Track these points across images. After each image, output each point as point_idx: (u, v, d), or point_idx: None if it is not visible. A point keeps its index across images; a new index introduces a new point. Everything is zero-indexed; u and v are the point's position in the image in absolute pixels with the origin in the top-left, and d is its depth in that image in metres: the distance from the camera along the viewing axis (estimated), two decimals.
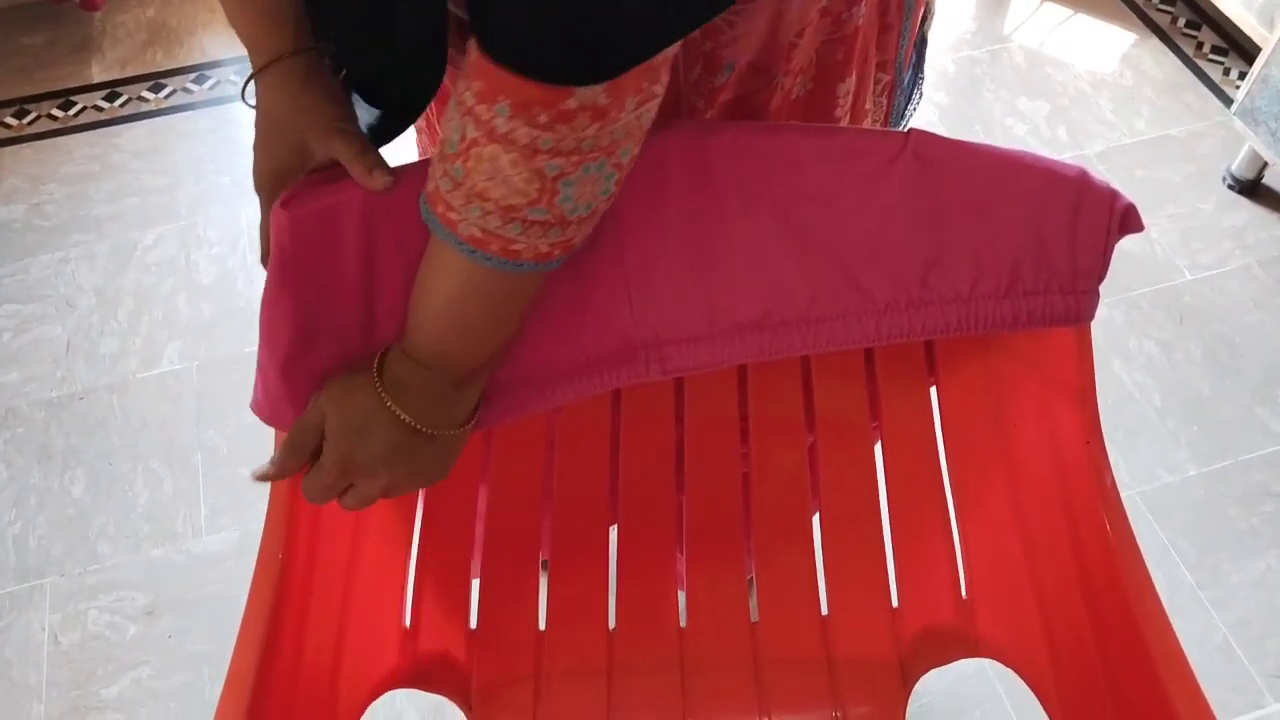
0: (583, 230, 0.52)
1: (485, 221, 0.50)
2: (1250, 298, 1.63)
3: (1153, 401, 1.51)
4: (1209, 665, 1.26)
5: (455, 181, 0.50)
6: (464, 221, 0.51)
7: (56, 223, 1.76)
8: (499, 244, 0.51)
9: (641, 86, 0.47)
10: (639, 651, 0.86)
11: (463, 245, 0.52)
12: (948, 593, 0.83)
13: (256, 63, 0.59)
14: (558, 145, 0.46)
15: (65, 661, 1.28)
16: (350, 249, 0.60)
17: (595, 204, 0.51)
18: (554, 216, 0.50)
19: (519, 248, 0.51)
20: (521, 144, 0.46)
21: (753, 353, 0.67)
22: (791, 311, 0.67)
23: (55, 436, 1.49)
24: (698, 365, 0.67)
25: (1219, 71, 1.97)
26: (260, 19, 0.58)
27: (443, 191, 0.51)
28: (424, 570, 0.81)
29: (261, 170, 0.62)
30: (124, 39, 2.07)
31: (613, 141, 0.48)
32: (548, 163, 0.47)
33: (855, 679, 0.85)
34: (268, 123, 0.60)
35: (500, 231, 0.50)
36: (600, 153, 0.48)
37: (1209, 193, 1.77)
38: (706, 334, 0.67)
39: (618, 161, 0.50)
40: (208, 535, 1.39)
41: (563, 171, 0.48)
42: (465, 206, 0.50)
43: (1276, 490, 1.41)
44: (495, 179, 0.48)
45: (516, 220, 0.49)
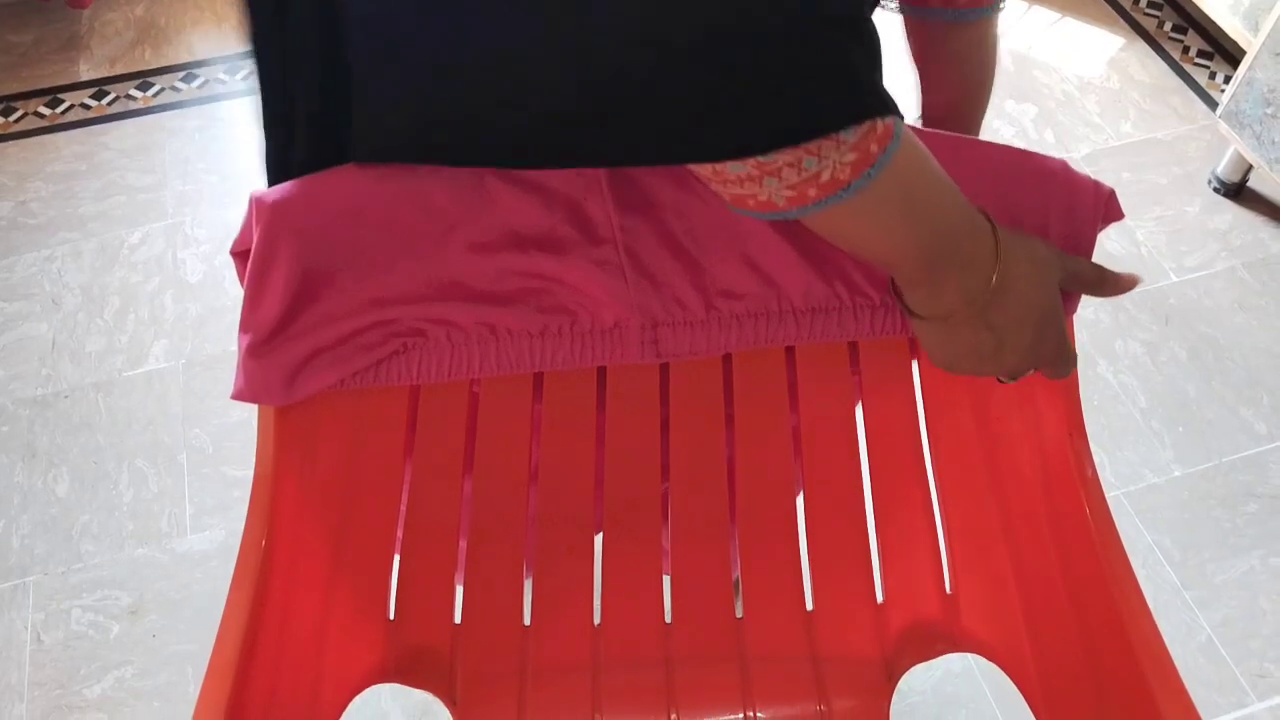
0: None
1: (782, 181, 0.47)
2: (1235, 300, 1.64)
3: (1138, 402, 1.52)
4: (1193, 665, 1.27)
5: (731, 200, 0.49)
6: (774, 193, 0.47)
7: (43, 220, 1.75)
8: (815, 189, 0.47)
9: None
10: (624, 647, 0.86)
11: (799, 211, 0.48)
12: (932, 588, 0.83)
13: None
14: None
15: (48, 660, 1.27)
16: (333, 234, 0.60)
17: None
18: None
19: (827, 175, 0.46)
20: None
21: (748, 341, 0.68)
22: (786, 302, 0.67)
23: (40, 435, 1.48)
24: (693, 351, 0.67)
25: (1205, 75, 1.99)
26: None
27: (733, 195, 0.50)
28: (408, 564, 0.81)
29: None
30: (112, 37, 2.06)
31: None
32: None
33: (840, 674, 0.85)
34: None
35: (801, 180, 0.46)
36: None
37: (1195, 195, 1.78)
38: (702, 320, 0.67)
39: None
40: (192, 534, 1.38)
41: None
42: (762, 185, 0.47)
43: (1260, 491, 1.42)
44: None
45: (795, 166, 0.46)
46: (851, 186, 0.46)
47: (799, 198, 0.47)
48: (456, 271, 0.62)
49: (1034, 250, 0.56)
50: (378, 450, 0.77)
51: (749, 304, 0.66)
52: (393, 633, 0.79)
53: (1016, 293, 0.55)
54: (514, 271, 0.63)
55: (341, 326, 0.63)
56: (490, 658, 0.85)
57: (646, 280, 0.64)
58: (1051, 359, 0.59)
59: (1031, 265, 0.56)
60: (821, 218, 0.49)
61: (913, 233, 0.51)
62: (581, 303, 0.64)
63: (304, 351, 0.63)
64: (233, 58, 2.03)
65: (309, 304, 0.62)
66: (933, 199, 0.51)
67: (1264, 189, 1.78)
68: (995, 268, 0.54)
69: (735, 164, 0.46)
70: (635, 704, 0.84)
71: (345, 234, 0.60)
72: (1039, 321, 0.56)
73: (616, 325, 0.65)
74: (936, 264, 0.53)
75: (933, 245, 0.52)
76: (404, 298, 0.63)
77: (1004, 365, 0.57)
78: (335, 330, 0.63)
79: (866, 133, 0.45)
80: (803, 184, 0.46)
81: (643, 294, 0.64)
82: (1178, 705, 0.60)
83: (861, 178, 0.46)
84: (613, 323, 0.65)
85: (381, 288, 0.62)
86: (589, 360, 0.66)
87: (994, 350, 0.57)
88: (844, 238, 0.53)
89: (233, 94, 1.96)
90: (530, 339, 0.66)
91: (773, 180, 0.46)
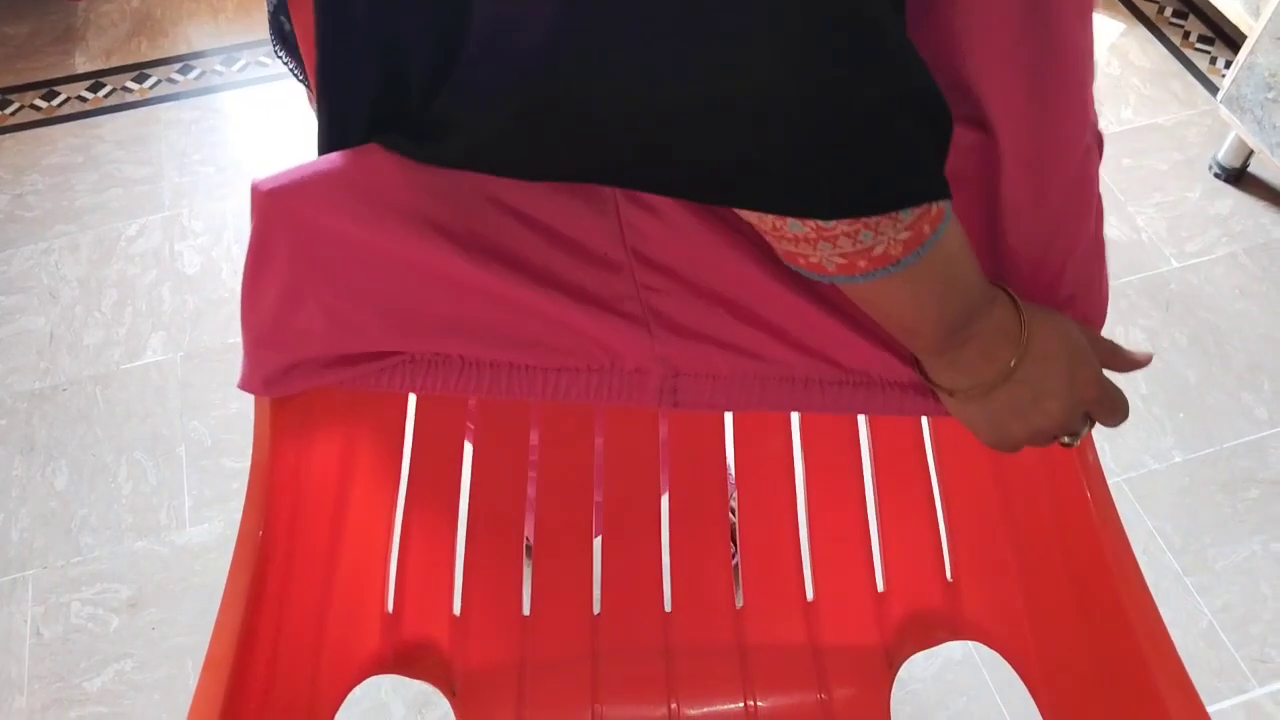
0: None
1: (836, 249, 0.48)
2: (1236, 285, 1.63)
3: (1139, 389, 1.51)
4: (1194, 650, 1.26)
5: (784, 255, 0.50)
6: (826, 258, 0.49)
7: (39, 213, 1.75)
8: (865, 260, 0.48)
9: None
10: (624, 637, 0.86)
11: (846, 279, 0.50)
12: (933, 576, 0.83)
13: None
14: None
15: (47, 654, 1.27)
16: (331, 224, 0.59)
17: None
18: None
19: (879, 250, 0.48)
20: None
21: (769, 403, 0.65)
22: (813, 370, 0.65)
23: (38, 428, 1.48)
24: (711, 405, 0.65)
25: (1205, 60, 1.98)
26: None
27: (785, 251, 0.51)
28: (406, 555, 0.80)
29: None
30: (108, 29, 2.05)
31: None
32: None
33: (840, 663, 0.85)
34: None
35: (854, 250, 0.48)
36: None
37: (1195, 181, 1.78)
38: (725, 375, 0.65)
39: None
40: (191, 526, 1.38)
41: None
42: (815, 249, 0.49)
43: (1261, 476, 1.42)
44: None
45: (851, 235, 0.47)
46: (901, 263, 0.48)
47: (849, 266, 0.48)
48: (472, 305, 0.60)
49: (1062, 325, 0.58)
50: (375, 441, 0.76)
51: (774, 368, 0.64)
52: (391, 624, 0.79)
53: (1040, 345, 0.56)
54: (534, 312, 0.60)
55: (347, 344, 0.61)
56: (489, 648, 0.84)
57: (671, 334, 0.62)
58: (1097, 400, 0.59)
59: (1052, 322, 0.57)
60: (863, 287, 0.51)
61: (943, 305, 0.53)
62: (602, 346, 0.63)
63: (294, 357, 0.62)
64: (229, 49, 2.02)
65: (309, 304, 0.60)
66: (965, 275, 0.53)
67: (1265, 174, 1.77)
68: (1022, 332, 0.56)
69: (796, 223, 0.47)
70: (635, 694, 0.84)
71: (349, 234, 0.58)
72: (1069, 359, 0.57)
73: (637, 370, 0.64)
74: (956, 334, 0.55)
75: (957, 317, 0.54)
76: (416, 327, 0.61)
77: (1050, 415, 0.58)
78: (337, 348, 0.61)
79: (922, 214, 0.47)
80: (855, 254, 0.47)
81: (666, 346, 0.62)
82: (1180, 692, 0.60)
83: (911, 255, 0.48)
84: (632, 367, 0.64)
85: (391, 310, 0.60)
86: (603, 400, 0.65)
87: (1031, 400, 0.57)
88: (874, 305, 0.54)
89: (229, 85, 1.96)
90: (545, 373, 0.64)
91: (827, 246, 0.47)
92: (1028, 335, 0.56)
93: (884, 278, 0.49)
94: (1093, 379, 0.58)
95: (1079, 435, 0.60)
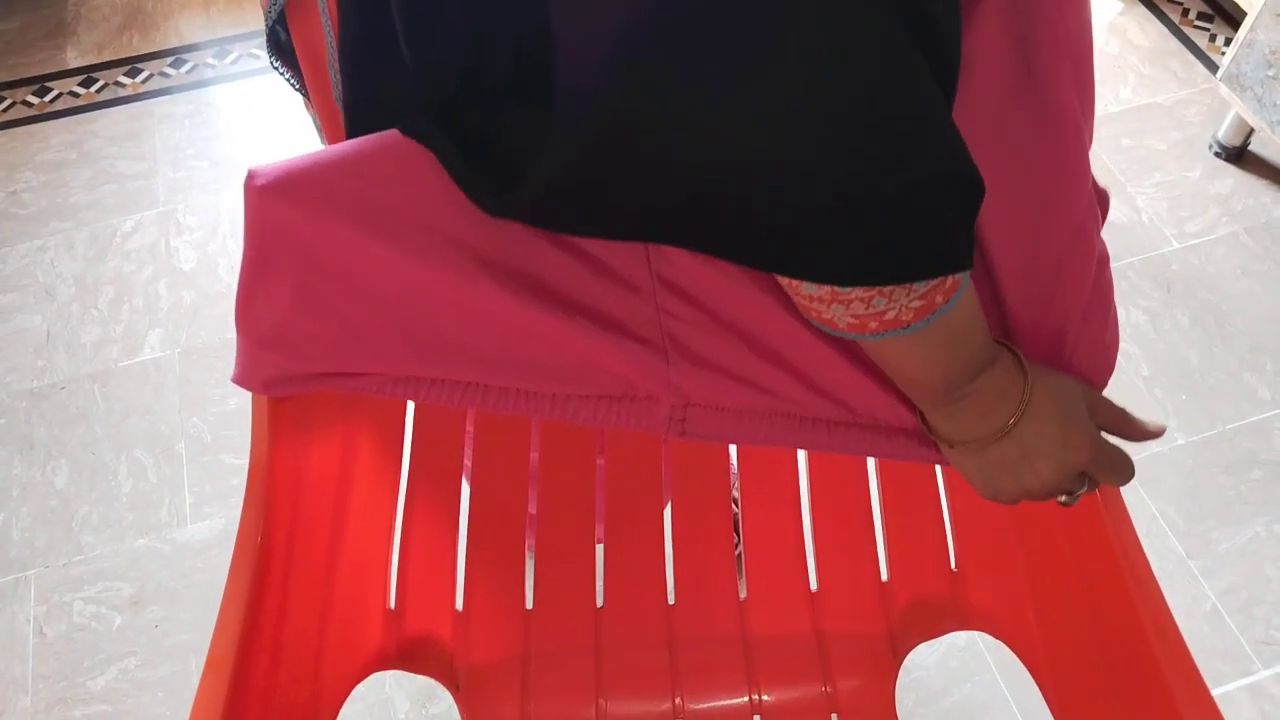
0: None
1: (849, 310, 0.49)
2: (1238, 265, 1.63)
3: (1140, 371, 1.51)
4: (1199, 633, 1.26)
5: (799, 306, 0.52)
6: (838, 316, 0.50)
7: (34, 211, 1.74)
8: (877, 322, 0.50)
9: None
10: (627, 630, 0.86)
11: (856, 336, 0.51)
12: (937, 565, 0.82)
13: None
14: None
15: (51, 654, 1.27)
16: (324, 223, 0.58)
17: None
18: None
19: (891, 315, 0.49)
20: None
21: (776, 439, 0.65)
22: (821, 410, 0.64)
23: (37, 427, 1.48)
24: (719, 436, 0.64)
25: (1205, 38, 1.96)
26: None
27: (799, 303, 0.52)
28: (408, 551, 0.80)
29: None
30: (99, 23, 2.04)
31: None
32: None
33: (845, 653, 0.84)
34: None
35: (866, 313, 0.49)
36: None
37: (1196, 160, 1.77)
38: (735, 409, 0.64)
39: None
40: (193, 523, 1.38)
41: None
42: (829, 308, 0.50)
43: (1264, 458, 1.41)
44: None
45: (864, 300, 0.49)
46: (910, 328, 0.49)
47: (860, 326, 0.50)
48: (488, 329, 0.58)
49: (1063, 386, 0.58)
50: (376, 437, 0.76)
51: (784, 405, 0.64)
52: (393, 620, 0.79)
53: (1038, 408, 0.57)
54: (552, 336, 0.59)
55: (358, 359, 0.60)
56: (492, 642, 0.84)
57: (688, 363, 0.62)
58: (1090, 463, 0.58)
59: (1053, 383, 0.58)
60: (874, 344, 0.53)
61: (947, 365, 0.54)
62: (615, 374, 0.62)
63: (308, 366, 0.60)
64: (221, 41, 2.01)
65: (311, 312, 0.58)
66: (973, 340, 0.54)
67: (1266, 152, 1.76)
68: (1023, 394, 0.56)
69: (811, 285, 0.49)
70: (639, 687, 0.84)
71: (354, 234, 0.55)
72: (1062, 422, 0.57)
73: (648, 397, 0.63)
74: (956, 391, 0.56)
75: (960, 376, 0.55)
76: (429, 350, 0.59)
77: (1040, 476, 0.58)
78: (349, 361, 0.60)
79: (937, 285, 0.48)
80: (866, 317, 0.49)
81: (681, 374, 0.62)
82: (1185, 678, 0.59)
83: (921, 322, 0.49)
84: (644, 394, 0.63)
85: (405, 329, 0.58)
86: (611, 424, 0.64)
87: (1021, 458, 0.57)
88: (881, 357, 0.56)
89: (222, 78, 1.95)
90: (554, 398, 0.63)
91: (840, 307, 0.49)
92: (1029, 397, 0.56)
93: (892, 339, 0.50)
94: (1085, 444, 0.58)
95: (1075, 495, 0.60)
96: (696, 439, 0.64)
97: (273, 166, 0.55)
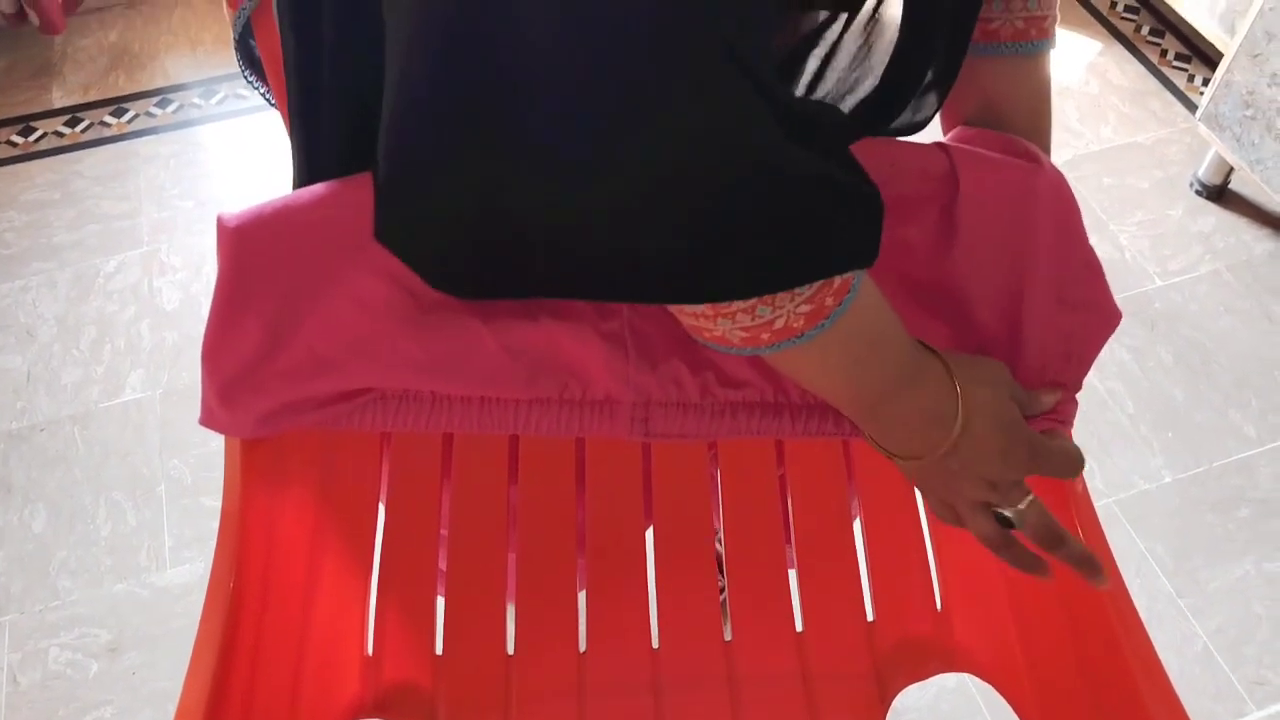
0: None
1: (736, 324, 0.48)
2: (1220, 302, 1.63)
3: (1126, 409, 1.51)
4: (1190, 674, 1.25)
5: (689, 328, 0.51)
6: (728, 331, 0.49)
7: (16, 251, 1.73)
8: (768, 333, 0.48)
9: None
10: (611, 673, 0.84)
11: (753, 350, 0.50)
12: (923, 606, 0.82)
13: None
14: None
15: (25, 703, 1.24)
16: (295, 262, 0.58)
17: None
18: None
19: (780, 324, 0.47)
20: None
21: (740, 430, 0.65)
22: (783, 396, 0.64)
23: (15, 470, 1.46)
24: (682, 433, 0.65)
25: (1183, 78, 1.99)
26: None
27: (689, 325, 0.51)
28: (386, 595, 0.79)
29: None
30: (86, 63, 2.04)
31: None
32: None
33: (832, 694, 0.83)
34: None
35: (754, 324, 0.48)
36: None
37: (1177, 199, 1.78)
38: (696, 404, 0.64)
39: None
40: (172, 568, 1.36)
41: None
42: (715, 324, 0.49)
43: (1252, 495, 1.41)
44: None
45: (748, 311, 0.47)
46: (804, 335, 0.48)
47: (752, 339, 0.48)
48: (454, 340, 0.59)
49: (987, 372, 0.57)
50: (350, 482, 0.75)
51: (746, 394, 0.64)
52: (371, 667, 0.77)
53: (978, 426, 0.55)
54: (514, 338, 0.60)
55: (319, 386, 0.60)
56: (474, 688, 0.83)
57: (647, 359, 0.62)
58: (1033, 463, 0.58)
59: (989, 390, 0.56)
60: (774, 357, 0.50)
61: (859, 377, 0.53)
62: (574, 372, 0.62)
63: (275, 401, 0.60)
64: (207, 82, 2.01)
65: (281, 348, 0.58)
66: (884, 349, 0.52)
67: (1246, 191, 1.78)
68: (957, 415, 0.54)
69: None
70: None
71: (320, 269, 0.57)
72: (998, 432, 0.56)
73: (607, 399, 0.63)
74: (880, 409, 0.55)
75: (877, 389, 0.54)
76: (385, 364, 0.59)
77: (979, 485, 0.57)
78: (312, 389, 0.60)
79: (821, 287, 0.46)
80: (756, 328, 0.47)
81: (641, 372, 0.62)
82: (1172, 718, 0.59)
83: (815, 329, 0.47)
84: (603, 396, 0.63)
85: (360, 347, 0.59)
86: (575, 431, 0.64)
87: (959, 469, 0.56)
88: (795, 372, 0.54)
89: (207, 119, 1.95)
90: (516, 406, 0.63)
91: (726, 321, 0.47)
92: (963, 420, 0.54)
93: (789, 349, 0.48)
94: (1024, 450, 0.57)
95: (1021, 514, 0.59)
96: (662, 439, 0.64)
97: (242, 210, 0.56)
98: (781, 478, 0.84)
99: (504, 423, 0.64)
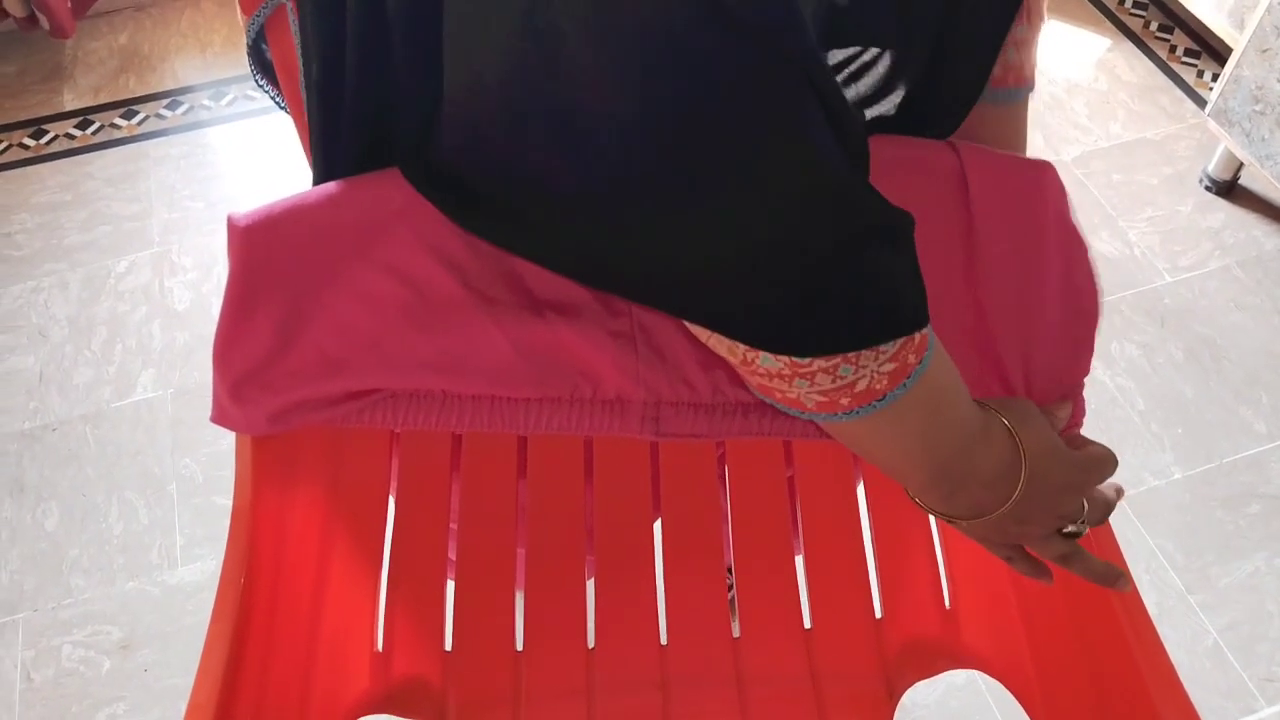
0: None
1: (814, 386, 0.46)
2: (1230, 298, 1.63)
3: (1136, 405, 1.50)
4: (1200, 670, 1.25)
5: (757, 388, 0.50)
6: (803, 395, 0.47)
7: (28, 252, 1.74)
8: (848, 398, 0.46)
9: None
10: (619, 670, 0.84)
11: (826, 417, 0.48)
12: (931, 604, 0.82)
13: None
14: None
15: (38, 700, 1.25)
16: (308, 263, 0.58)
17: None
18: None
19: (863, 385, 0.45)
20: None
21: (751, 430, 0.64)
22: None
23: (28, 469, 1.47)
24: (693, 432, 0.64)
25: (1192, 74, 1.98)
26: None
27: (759, 385, 0.50)
28: (395, 592, 0.79)
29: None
30: (96, 66, 2.06)
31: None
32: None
33: (840, 692, 0.83)
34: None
35: (834, 387, 0.46)
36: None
37: (1187, 195, 1.77)
38: (707, 404, 0.64)
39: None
40: (183, 566, 1.36)
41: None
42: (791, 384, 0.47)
43: (1262, 491, 1.41)
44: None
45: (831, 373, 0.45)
46: (887, 397, 0.45)
47: (830, 404, 0.46)
48: (465, 339, 0.59)
49: (1026, 410, 0.56)
50: (360, 479, 0.75)
51: (753, 394, 0.64)
52: (381, 663, 0.78)
53: (1039, 480, 0.54)
54: (524, 337, 0.60)
55: (330, 385, 0.60)
56: (483, 684, 0.83)
57: (657, 357, 0.62)
58: (1079, 510, 0.57)
59: (1036, 429, 0.55)
60: (845, 425, 0.48)
61: (934, 444, 0.50)
62: (584, 371, 0.62)
63: (286, 400, 0.61)
64: (217, 84, 2.02)
65: (291, 346, 0.59)
66: (956, 408, 0.50)
67: (1256, 186, 1.77)
68: (1022, 466, 0.53)
69: (768, 358, 0.45)
70: None
71: (330, 268, 0.57)
72: (1059, 486, 0.56)
73: (618, 398, 0.63)
74: (953, 466, 0.52)
75: (950, 457, 0.51)
76: (396, 363, 0.60)
77: (1033, 532, 0.57)
78: (322, 388, 0.60)
79: (904, 344, 0.44)
80: (836, 391, 0.45)
81: (651, 370, 0.62)
82: (1181, 716, 0.59)
83: (899, 388, 0.45)
84: (614, 395, 0.63)
85: (372, 346, 0.59)
86: (586, 430, 0.64)
87: (1016, 522, 0.56)
88: (862, 445, 0.52)
89: (218, 120, 1.96)
90: (527, 405, 0.63)
91: (804, 383, 0.45)
92: (1029, 468, 0.53)
93: (868, 415, 0.46)
94: (1078, 499, 0.57)
95: (1084, 520, 0.59)
96: (672, 437, 0.64)
97: (252, 210, 0.56)
98: (790, 478, 0.84)
99: (514, 422, 0.64)
